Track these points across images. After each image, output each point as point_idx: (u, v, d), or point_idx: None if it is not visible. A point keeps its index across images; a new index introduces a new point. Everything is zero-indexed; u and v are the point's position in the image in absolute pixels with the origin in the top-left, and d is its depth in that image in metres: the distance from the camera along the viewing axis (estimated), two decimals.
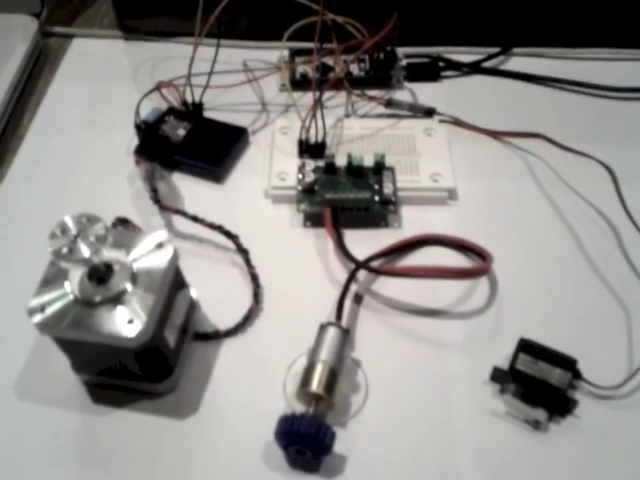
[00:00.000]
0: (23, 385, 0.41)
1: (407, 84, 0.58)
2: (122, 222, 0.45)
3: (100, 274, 0.35)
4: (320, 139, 0.51)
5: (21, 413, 0.40)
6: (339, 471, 0.37)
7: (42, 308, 0.35)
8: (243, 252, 0.45)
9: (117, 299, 0.35)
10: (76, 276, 0.36)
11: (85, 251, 0.33)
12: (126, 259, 0.36)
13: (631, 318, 0.43)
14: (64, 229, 0.34)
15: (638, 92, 0.57)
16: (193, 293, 0.42)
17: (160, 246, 0.37)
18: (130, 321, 0.34)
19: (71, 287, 0.35)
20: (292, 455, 0.37)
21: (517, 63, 0.60)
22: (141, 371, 0.38)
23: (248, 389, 0.40)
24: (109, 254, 0.36)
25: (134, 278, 0.36)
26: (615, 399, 0.39)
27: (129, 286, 0.35)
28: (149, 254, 0.37)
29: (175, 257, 0.37)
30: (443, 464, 0.38)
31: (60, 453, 0.38)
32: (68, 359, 0.39)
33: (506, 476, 0.37)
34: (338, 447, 0.37)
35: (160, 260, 0.37)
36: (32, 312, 0.35)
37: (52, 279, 0.36)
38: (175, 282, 0.38)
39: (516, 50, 0.61)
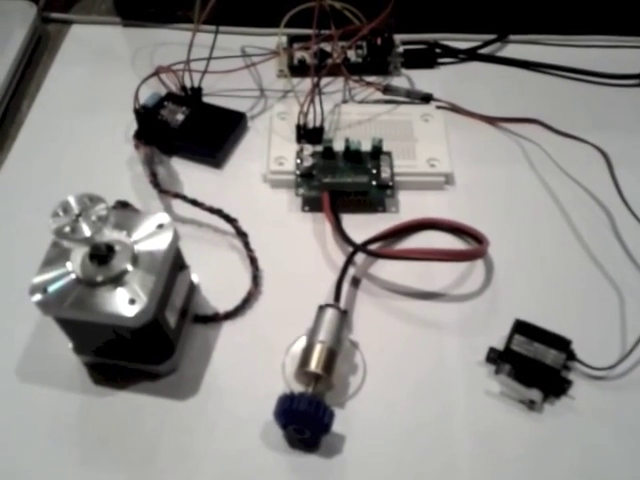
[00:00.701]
0: (24, 367, 0.41)
1: (404, 70, 0.59)
2: (122, 205, 0.46)
3: (101, 254, 0.36)
4: (318, 124, 0.51)
5: (22, 395, 0.40)
6: (338, 450, 0.38)
7: (44, 288, 0.35)
8: (242, 235, 0.46)
9: (118, 279, 0.35)
10: (78, 256, 0.36)
11: (87, 230, 0.34)
12: (127, 240, 0.37)
13: (624, 300, 0.43)
14: (66, 208, 0.34)
15: (633, 79, 0.57)
16: (194, 276, 0.43)
17: (161, 227, 0.37)
18: (131, 301, 0.35)
19: (73, 267, 0.36)
20: (291, 434, 0.37)
21: (513, 50, 0.61)
22: (142, 352, 0.39)
23: (248, 370, 0.41)
24: (110, 235, 0.36)
25: (135, 259, 0.36)
26: (608, 379, 0.40)
27: (130, 267, 0.36)
28: (150, 235, 0.37)
29: (176, 238, 0.38)
30: (440, 444, 0.38)
31: (61, 435, 0.39)
32: (69, 340, 0.39)
33: (502, 455, 0.38)
34: (337, 427, 0.37)
35: (161, 241, 0.37)
36: (34, 291, 0.35)
37: (54, 259, 0.36)
38: (175, 263, 0.38)
39: (512, 37, 0.61)
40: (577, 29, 0.61)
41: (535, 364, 0.39)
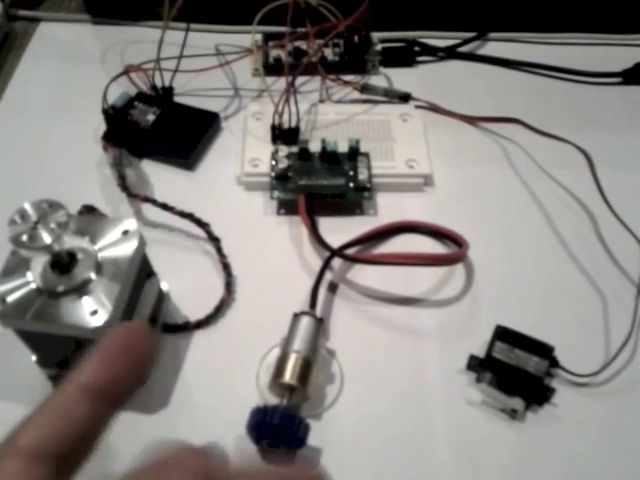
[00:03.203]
0: None
1: (382, 69, 0.58)
2: (89, 210, 0.44)
3: (63, 263, 0.34)
4: (294, 124, 0.50)
5: None
6: (313, 464, 0.36)
7: (3, 299, 0.33)
8: (214, 241, 0.44)
9: (81, 289, 0.34)
10: (38, 265, 0.34)
11: (46, 238, 0.32)
12: (91, 247, 0.35)
13: (608, 304, 0.42)
14: (24, 215, 0.32)
15: (614, 77, 0.56)
16: (163, 284, 0.41)
17: (126, 234, 0.36)
18: (94, 312, 0.33)
19: (33, 277, 0.34)
20: (265, 449, 0.36)
21: (493, 48, 0.59)
22: None
23: (220, 381, 0.39)
24: (73, 242, 0.35)
25: (99, 267, 0.34)
26: (592, 386, 0.39)
27: (93, 275, 0.34)
28: (115, 242, 0.36)
29: (141, 245, 0.36)
30: (419, 454, 0.37)
31: None
32: (32, 353, 0.38)
33: (483, 466, 0.37)
34: (312, 439, 0.36)
35: (126, 248, 0.35)
36: None
37: (13, 269, 0.34)
38: (142, 271, 0.37)
39: (492, 35, 0.60)
40: (558, 27, 0.60)
41: (517, 372, 0.38)
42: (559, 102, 0.55)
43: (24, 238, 0.32)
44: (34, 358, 0.38)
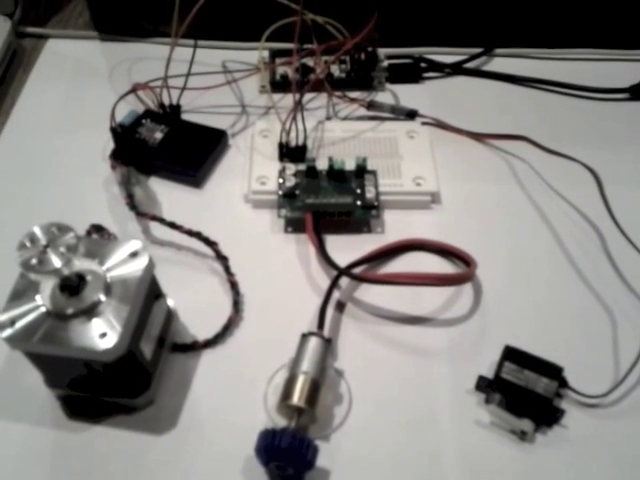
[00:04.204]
0: None
1: (389, 85, 0.58)
2: (97, 229, 0.44)
3: (72, 285, 0.34)
4: (301, 142, 0.50)
5: None
6: None
7: (12, 322, 0.33)
8: (222, 259, 0.44)
9: (90, 311, 0.34)
10: (47, 288, 0.34)
11: (55, 262, 0.32)
12: (99, 269, 0.35)
13: (617, 324, 0.42)
14: (33, 239, 0.32)
15: (622, 93, 0.56)
16: (171, 302, 0.41)
17: (135, 255, 0.36)
18: (104, 334, 0.33)
19: (42, 299, 0.34)
20: (273, 471, 0.36)
21: (500, 64, 0.60)
22: (117, 385, 0.37)
23: (228, 402, 0.39)
24: (81, 264, 0.35)
25: (108, 288, 0.34)
26: (602, 407, 0.39)
27: (103, 297, 0.34)
28: (123, 263, 0.36)
29: (150, 266, 0.36)
30: (428, 476, 0.37)
31: (32, 472, 0.37)
32: (41, 373, 0.38)
33: None
34: (321, 461, 0.36)
35: (135, 269, 0.35)
36: (1, 327, 0.33)
37: (22, 292, 0.34)
38: (151, 292, 0.37)
39: (499, 51, 0.60)
40: (564, 42, 0.60)
41: (526, 393, 0.38)
42: (566, 118, 0.55)
43: (34, 262, 0.32)
44: (43, 378, 0.38)
